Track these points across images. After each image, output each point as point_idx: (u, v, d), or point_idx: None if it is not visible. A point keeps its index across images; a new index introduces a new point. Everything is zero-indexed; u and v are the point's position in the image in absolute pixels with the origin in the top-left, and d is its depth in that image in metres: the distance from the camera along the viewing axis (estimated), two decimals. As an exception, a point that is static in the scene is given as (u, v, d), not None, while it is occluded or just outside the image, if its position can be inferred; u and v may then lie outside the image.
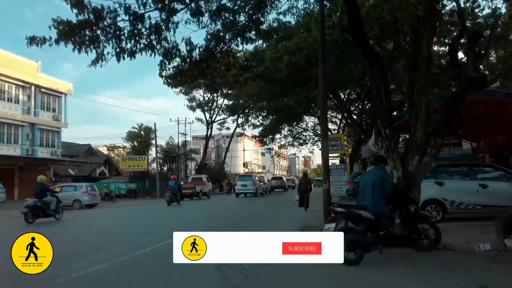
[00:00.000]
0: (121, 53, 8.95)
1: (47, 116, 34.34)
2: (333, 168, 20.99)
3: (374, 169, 5.85)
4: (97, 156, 47.06)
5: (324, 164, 8.25)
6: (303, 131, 43.82)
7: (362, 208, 5.39)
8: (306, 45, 14.95)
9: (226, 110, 39.46)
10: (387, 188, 5.55)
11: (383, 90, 6.71)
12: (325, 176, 8.32)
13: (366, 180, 5.73)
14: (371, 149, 12.94)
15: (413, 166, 6.54)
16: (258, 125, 36.14)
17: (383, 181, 5.53)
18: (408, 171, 6.55)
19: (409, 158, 6.67)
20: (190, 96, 35.33)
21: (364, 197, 5.63)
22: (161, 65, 9.43)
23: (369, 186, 5.56)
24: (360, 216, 5.30)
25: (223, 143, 52.81)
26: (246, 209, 18.10)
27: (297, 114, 31.82)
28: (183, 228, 11.26)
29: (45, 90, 33.71)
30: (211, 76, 11.28)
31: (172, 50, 9.54)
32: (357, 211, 5.36)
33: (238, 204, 22.99)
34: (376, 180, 5.51)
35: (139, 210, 21.15)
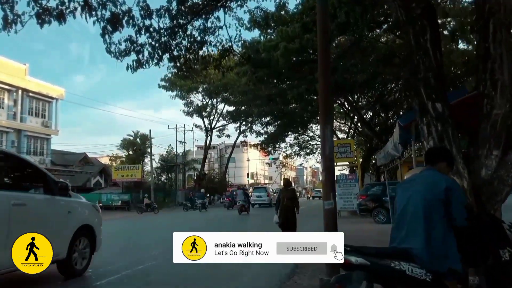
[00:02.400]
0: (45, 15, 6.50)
1: (35, 122, 32.22)
2: (341, 178, 18.21)
3: (428, 173, 2.88)
4: (93, 165, 44.83)
5: (325, 166, 4.68)
6: (310, 139, 41.30)
7: (402, 255, 2.59)
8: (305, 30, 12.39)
9: (228, 118, 36.96)
10: (458, 213, 2.58)
11: (429, 35, 3.91)
12: (328, 186, 4.70)
13: (410, 197, 2.81)
14: (390, 153, 10.17)
15: (489, 169, 3.73)
16: (262, 133, 33.56)
17: (450, 198, 2.60)
18: (481, 177, 3.76)
19: (480, 155, 3.83)
20: (187, 101, 32.95)
21: (406, 231, 2.72)
22: (103, 33, 6.90)
23: (419, 208, 2.68)
24: (400, 274, 2.49)
25: (226, 153, 50.20)
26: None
27: (302, 120, 29.25)
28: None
29: (34, 94, 31.64)
30: (184, 59, 8.75)
31: (121, 15, 7.05)
32: (393, 263, 2.54)
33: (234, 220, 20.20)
34: (435, 196, 2.66)
35: (113, 228, 17.71)
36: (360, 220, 15.39)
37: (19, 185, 5.49)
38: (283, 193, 8.93)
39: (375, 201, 14.26)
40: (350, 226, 13.31)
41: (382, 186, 14.55)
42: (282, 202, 8.72)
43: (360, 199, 14.83)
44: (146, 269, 6.73)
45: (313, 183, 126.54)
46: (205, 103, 33.96)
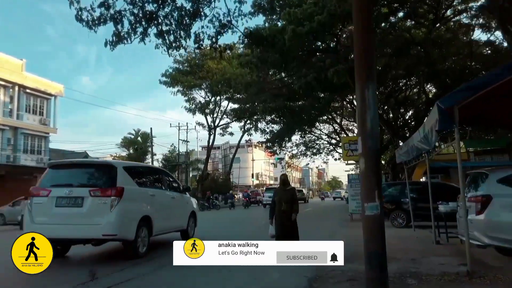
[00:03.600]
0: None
1: (33, 119, 31.12)
2: (353, 178, 16.78)
3: None
4: (94, 165, 43.73)
5: (366, 148, 3.18)
6: (317, 139, 39.88)
7: None
8: (318, 9, 11.00)
9: (231, 115, 35.53)
10: None
11: None
12: (371, 181, 3.28)
13: None
14: (416, 147, 8.78)
15: None
16: (267, 131, 32.16)
17: None
18: None
19: None
20: (189, 97, 31.53)
21: None
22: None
23: None
24: None
25: (230, 153, 48.84)
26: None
27: (309, 117, 27.86)
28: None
29: (31, 91, 30.54)
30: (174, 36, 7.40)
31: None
32: None
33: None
34: None
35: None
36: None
37: (172, 187, 9.43)
38: (280, 194, 6.81)
39: (393, 203, 12.83)
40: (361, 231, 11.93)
41: (400, 186, 13.13)
42: (278, 206, 6.68)
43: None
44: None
45: (319, 184, 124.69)
46: (208, 100, 32.57)
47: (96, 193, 6.55)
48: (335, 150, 40.13)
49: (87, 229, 6.43)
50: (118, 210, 6.50)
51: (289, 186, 7.18)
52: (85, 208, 6.47)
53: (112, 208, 6.46)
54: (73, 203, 6.51)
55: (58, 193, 6.61)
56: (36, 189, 6.89)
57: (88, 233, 6.45)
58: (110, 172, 6.89)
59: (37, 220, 6.53)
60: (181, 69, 30.19)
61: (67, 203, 6.54)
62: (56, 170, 7.31)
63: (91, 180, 6.95)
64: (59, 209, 6.52)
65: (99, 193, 6.55)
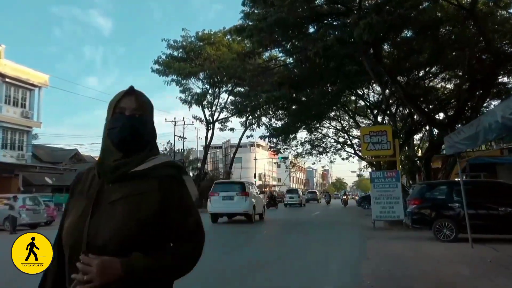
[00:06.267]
0: None
1: (13, 112, 28.28)
2: (377, 177, 13.75)
3: None
4: (85, 163, 40.88)
5: None
6: (323, 137, 37.00)
7: None
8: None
9: (232, 110, 32.56)
10: None
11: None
12: None
13: None
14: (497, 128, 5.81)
15: None
16: (272, 127, 29.27)
17: None
18: None
19: None
20: (185, 87, 28.36)
21: None
22: None
23: None
24: None
25: (231, 152, 45.82)
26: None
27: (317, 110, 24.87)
28: None
29: (11, 80, 27.72)
30: None
31: None
32: None
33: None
34: None
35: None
36: (410, 235, 10.92)
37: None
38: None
39: (437, 208, 9.75)
40: (394, 246, 8.96)
41: (447, 186, 10.09)
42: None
43: (413, 205, 10.26)
44: None
45: (323, 185, 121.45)
46: (205, 90, 29.47)
47: (238, 194, 16.19)
48: (343, 148, 37.36)
49: (237, 208, 16.29)
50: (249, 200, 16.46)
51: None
52: (234, 200, 16.21)
53: (246, 200, 16.22)
54: (229, 198, 16.23)
55: (222, 194, 16.38)
56: (211, 193, 16.66)
57: (237, 210, 16.42)
58: (241, 184, 17.25)
59: (214, 205, 16.48)
60: (175, 56, 27.30)
61: (226, 198, 16.30)
62: (219, 185, 17.61)
63: (235, 188, 16.77)
64: (224, 201, 16.26)
65: (240, 194, 16.21)
